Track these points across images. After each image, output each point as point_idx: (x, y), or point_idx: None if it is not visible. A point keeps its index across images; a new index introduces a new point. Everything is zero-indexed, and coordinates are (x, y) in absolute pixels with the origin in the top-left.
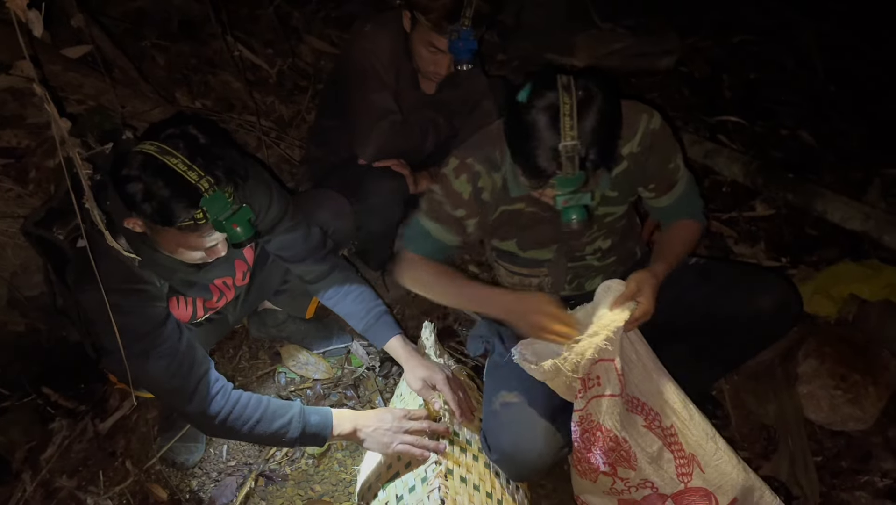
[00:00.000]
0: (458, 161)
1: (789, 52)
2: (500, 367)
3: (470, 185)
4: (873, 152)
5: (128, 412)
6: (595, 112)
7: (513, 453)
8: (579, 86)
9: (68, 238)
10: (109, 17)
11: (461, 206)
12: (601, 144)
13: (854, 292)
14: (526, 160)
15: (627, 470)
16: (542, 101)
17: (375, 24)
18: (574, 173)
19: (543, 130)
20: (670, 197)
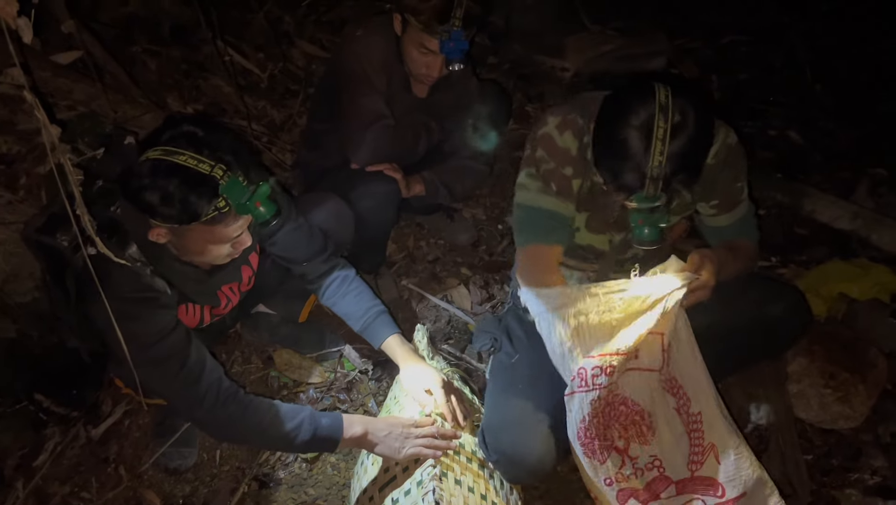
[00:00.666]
0: (559, 118)
1: (777, 54)
2: (505, 366)
3: (577, 140)
4: (861, 152)
5: (120, 418)
6: (687, 138)
7: (512, 455)
8: (676, 107)
9: (72, 245)
10: (100, 23)
11: (569, 164)
12: (687, 170)
13: (843, 291)
14: (610, 173)
15: (640, 446)
16: (637, 120)
17: (367, 28)
18: (655, 195)
19: (634, 150)
20: (730, 217)
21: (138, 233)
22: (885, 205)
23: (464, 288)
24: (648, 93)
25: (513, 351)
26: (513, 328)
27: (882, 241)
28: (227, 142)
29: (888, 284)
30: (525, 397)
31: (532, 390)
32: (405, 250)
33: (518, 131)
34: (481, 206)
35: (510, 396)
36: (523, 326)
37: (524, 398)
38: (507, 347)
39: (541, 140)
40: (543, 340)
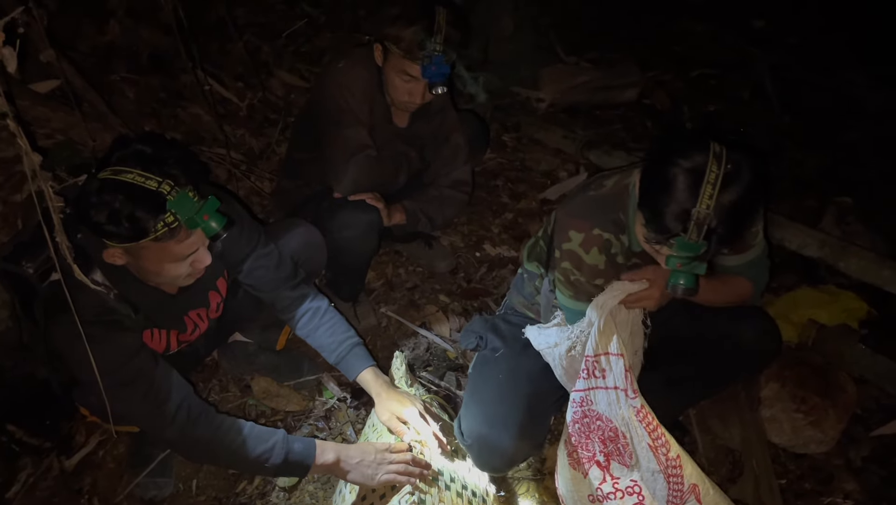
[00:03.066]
0: (581, 234)
1: (746, 86)
2: (488, 360)
3: (603, 255)
4: (827, 181)
5: (94, 448)
6: (738, 189)
7: (486, 436)
8: (730, 159)
9: (38, 272)
10: (78, 52)
11: (599, 276)
12: (733, 222)
13: (813, 317)
14: (654, 212)
15: (621, 467)
16: (689, 162)
17: (348, 60)
18: (697, 241)
19: (682, 190)
20: (740, 259)
21: (99, 257)
22: (852, 233)
23: (442, 315)
24: (703, 141)
25: (498, 345)
26: (499, 326)
27: (849, 269)
28: (175, 158)
29: (856, 310)
30: (502, 387)
31: (511, 381)
32: (384, 278)
33: (495, 160)
34: (459, 233)
35: (489, 385)
36: (510, 325)
37: (501, 388)
38: (494, 343)
39: (567, 255)
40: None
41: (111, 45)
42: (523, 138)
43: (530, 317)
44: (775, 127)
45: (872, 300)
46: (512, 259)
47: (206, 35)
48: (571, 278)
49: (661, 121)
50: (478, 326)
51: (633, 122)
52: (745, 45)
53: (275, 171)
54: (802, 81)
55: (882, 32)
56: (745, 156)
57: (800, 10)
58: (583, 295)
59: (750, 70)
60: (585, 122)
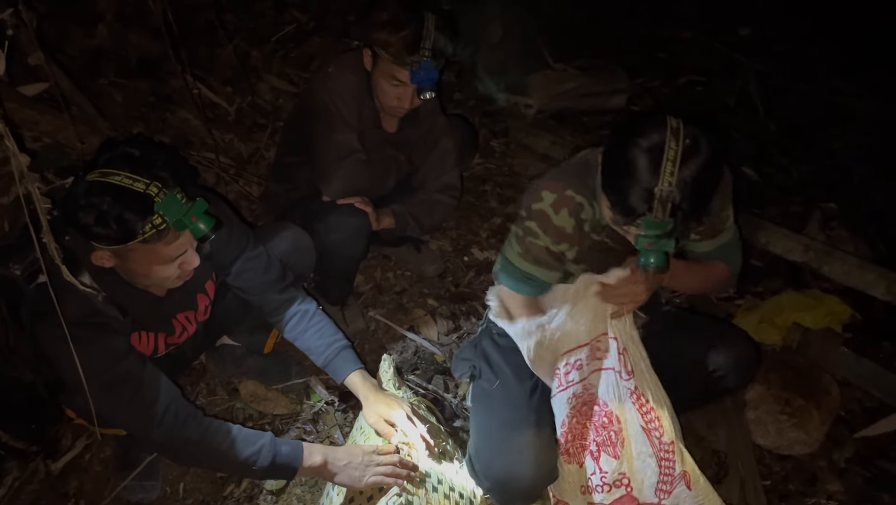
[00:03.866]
0: (554, 195)
1: (732, 92)
2: (488, 393)
3: (573, 217)
4: (812, 187)
5: (80, 452)
6: (698, 163)
7: (506, 481)
8: (687, 133)
9: (25, 274)
10: (66, 55)
11: (564, 241)
12: (696, 196)
13: (797, 321)
14: (618, 195)
15: (610, 459)
16: (647, 142)
17: (337, 65)
18: (663, 218)
19: (643, 170)
20: (712, 244)
21: (88, 260)
22: (836, 238)
23: (430, 319)
24: (660, 119)
25: (493, 377)
26: (490, 354)
27: (833, 273)
28: (163, 160)
29: (840, 313)
30: (511, 424)
31: (516, 414)
32: (372, 281)
33: (483, 165)
34: (448, 238)
35: (495, 423)
36: (499, 350)
37: (509, 423)
38: (487, 374)
39: (535, 214)
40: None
41: (99, 49)
42: (511, 144)
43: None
44: (761, 133)
45: (856, 304)
46: None
47: (195, 39)
48: (529, 239)
49: None
50: (468, 353)
51: None
52: (732, 52)
53: (263, 175)
54: (787, 89)
55: (866, 41)
56: (700, 129)
57: (785, 19)
58: (531, 258)
59: (736, 77)
60: (573, 128)
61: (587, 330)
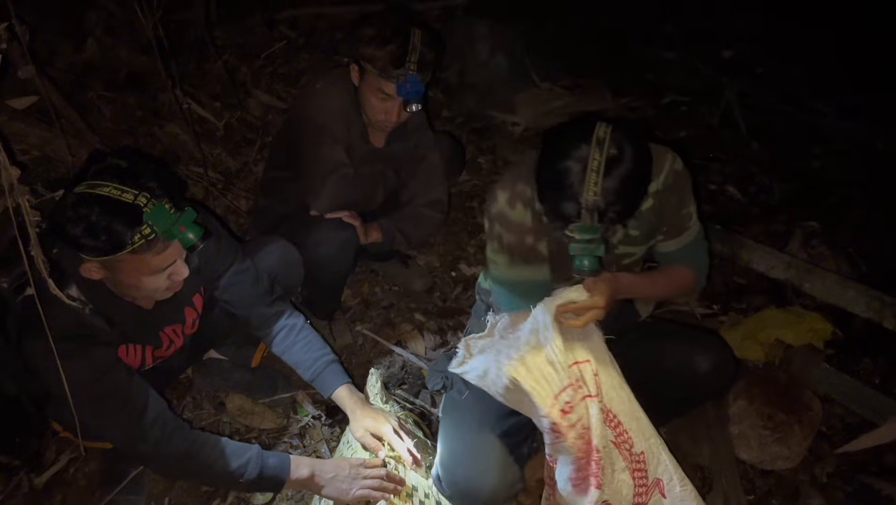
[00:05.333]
0: (507, 192)
1: (715, 112)
2: (457, 403)
3: (528, 209)
4: (794, 206)
5: (65, 466)
6: (622, 171)
7: (466, 489)
8: (613, 141)
9: (12, 287)
10: (55, 69)
11: (528, 233)
12: (622, 202)
13: (779, 337)
14: (549, 204)
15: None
16: (575, 152)
17: (325, 81)
18: (592, 225)
19: (570, 181)
20: (678, 243)
21: (76, 272)
22: (817, 256)
23: (418, 334)
24: (588, 128)
25: (463, 388)
26: None
27: (814, 290)
28: (151, 170)
29: (821, 330)
30: (475, 432)
31: (482, 425)
32: (360, 296)
33: (471, 182)
34: (435, 253)
35: (461, 432)
36: None
37: (474, 433)
38: (459, 385)
39: (496, 218)
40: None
41: (88, 63)
42: (498, 161)
43: None
44: (744, 153)
45: (837, 321)
46: None
47: (185, 55)
48: (504, 241)
49: None
50: (443, 365)
51: None
52: (715, 73)
53: (251, 189)
54: (770, 110)
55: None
56: (630, 134)
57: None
58: (518, 258)
59: (719, 98)
60: None
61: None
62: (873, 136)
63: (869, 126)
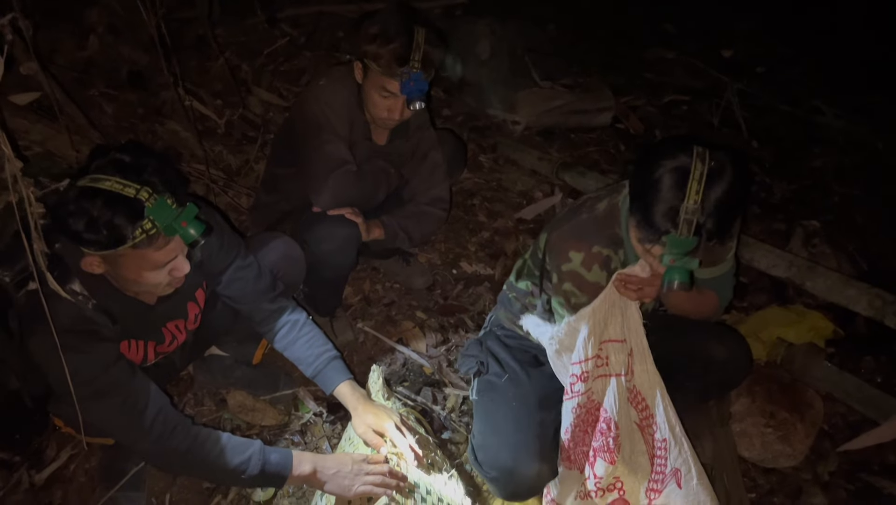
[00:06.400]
0: (581, 254)
1: (716, 112)
2: (496, 386)
3: (605, 270)
4: (795, 205)
5: (65, 462)
6: (723, 184)
7: (513, 470)
8: (713, 157)
9: (14, 281)
10: (57, 66)
11: (599, 291)
12: (721, 216)
13: (781, 336)
14: (645, 213)
15: (606, 465)
16: (674, 162)
17: (329, 78)
18: (688, 236)
19: (669, 188)
20: (711, 272)
21: (78, 267)
22: (819, 254)
23: (419, 331)
24: (687, 142)
25: (501, 371)
26: (497, 351)
27: (816, 289)
28: (153, 165)
29: (822, 329)
30: (518, 415)
31: (524, 408)
32: (361, 293)
33: (472, 180)
34: (436, 251)
35: (503, 415)
36: (507, 349)
37: (517, 416)
38: (496, 368)
39: (569, 276)
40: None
41: (90, 60)
42: (500, 159)
43: (519, 334)
44: (744, 152)
45: (838, 319)
46: (488, 277)
47: (187, 52)
48: (572, 301)
49: (633, 144)
50: (474, 350)
51: (607, 145)
52: (715, 72)
53: (253, 186)
54: (770, 109)
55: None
56: (727, 154)
57: (767, 42)
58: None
59: (719, 97)
60: (560, 145)
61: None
62: (874, 136)
63: (869, 125)
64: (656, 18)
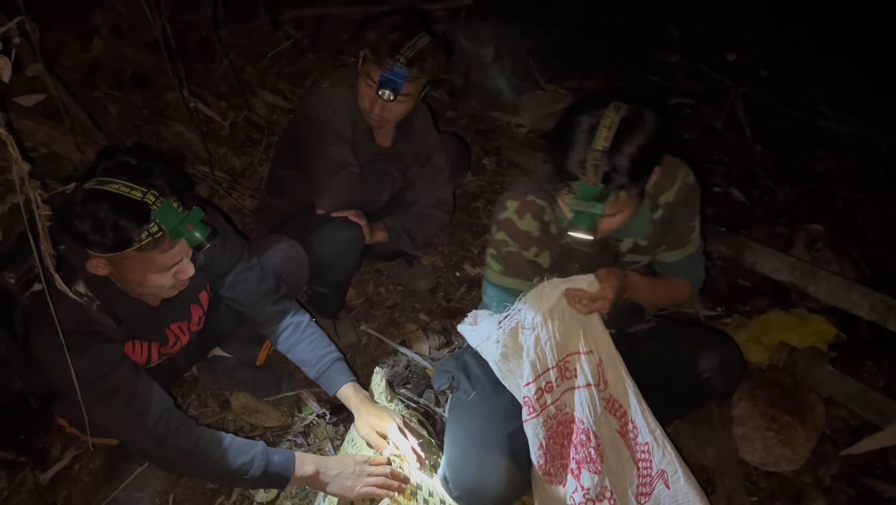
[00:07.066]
0: (517, 202)
1: (720, 115)
2: (463, 403)
3: (537, 221)
4: (798, 209)
5: (69, 462)
6: (634, 133)
7: (475, 490)
8: (630, 109)
9: (19, 283)
10: (62, 67)
11: (532, 244)
12: (629, 164)
13: (784, 340)
14: (557, 158)
15: (592, 475)
16: (590, 110)
17: (333, 80)
18: (595, 183)
19: (580, 134)
20: (678, 255)
21: (83, 268)
22: (821, 258)
23: (422, 333)
24: (608, 95)
25: (470, 388)
26: (470, 365)
27: (818, 293)
28: (160, 168)
29: (825, 333)
30: (482, 433)
31: (489, 426)
32: (364, 296)
33: (475, 183)
34: (440, 253)
35: (468, 433)
36: (479, 362)
37: (482, 434)
38: (465, 385)
39: (503, 224)
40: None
41: (95, 62)
42: (503, 162)
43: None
44: (748, 156)
45: (841, 324)
46: None
47: (191, 54)
48: (503, 250)
49: None
50: (449, 365)
51: None
52: (719, 76)
53: (257, 189)
54: (774, 113)
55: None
56: (646, 107)
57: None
58: (513, 270)
59: (723, 101)
60: None
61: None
62: (877, 140)
63: (873, 129)
64: (660, 22)
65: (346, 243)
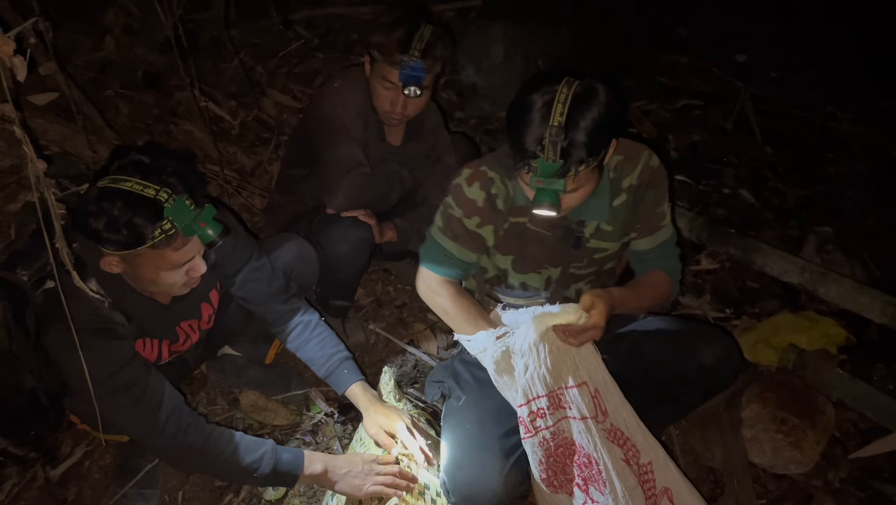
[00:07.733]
0: (470, 170)
1: (729, 116)
2: (454, 410)
3: (483, 191)
4: (808, 211)
5: (80, 459)
6: (588, 107)
7: (469, 494)
8: (583, 84)
9: (32, 280)
10: (74, 66)
11: (475, 214)
12: (586, 138)
13: (793, 342)
14: (514, 137)
15: (598, 493)
16: (545, 87)
17: (343, 80)
18: (554, 159)
19: (535, 112)
20: (651, 241)
21: (96, 266)
22: (831, 261)
23: (430, 333)
24: (560, 73)
25: (460, 393)
26: (460, 372)
27: (828, 295)
28: (173, 166)
29: (835, 336)
30: (472, 436)
31: (481, 430)
32: (373, 295)
33: None
34: None
35: (461, 437)
36: (468, 366)
37: (471, 437)
38: (456, 391)
39: (453, 189)
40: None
41: (106, 61)
42: None
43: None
44: (758, 157)
45: (851, 326)
46: None
47: (201, 54)
48: (448, 212)
49: None
50: (439, 375)
51: None
52: (729, 77)
53: (266, 188)
54: (784, 114)
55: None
56: (599, 81)
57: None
58: (450, 232)
59: (733, 102)
60: None
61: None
62: (888, 142)
63: (883, 131)
64: (670, 23)
65: (356, 243)
